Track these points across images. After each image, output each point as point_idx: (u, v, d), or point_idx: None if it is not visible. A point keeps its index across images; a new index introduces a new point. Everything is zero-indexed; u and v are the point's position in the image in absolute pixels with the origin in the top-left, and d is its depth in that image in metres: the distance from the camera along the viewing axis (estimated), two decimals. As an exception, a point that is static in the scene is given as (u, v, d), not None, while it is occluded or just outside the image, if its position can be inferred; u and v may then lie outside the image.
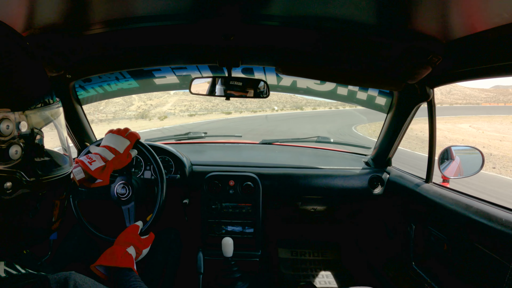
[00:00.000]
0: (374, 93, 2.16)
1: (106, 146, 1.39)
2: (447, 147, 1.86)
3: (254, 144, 2.71)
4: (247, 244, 2.08)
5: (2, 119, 0.58)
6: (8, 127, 0.59)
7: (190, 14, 1.26)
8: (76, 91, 2.05)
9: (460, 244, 1.44)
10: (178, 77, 2.25)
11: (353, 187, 2.15)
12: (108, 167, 1.34)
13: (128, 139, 1.43)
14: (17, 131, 0.61)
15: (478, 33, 1.10)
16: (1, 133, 0.58)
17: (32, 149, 0.65)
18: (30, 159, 0.64)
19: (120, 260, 1.13)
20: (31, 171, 0.65)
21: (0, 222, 0.62)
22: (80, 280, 0.64)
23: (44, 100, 0.68)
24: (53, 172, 0.71)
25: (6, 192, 0.60)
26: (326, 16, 1.21)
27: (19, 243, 0.68)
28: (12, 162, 0.60)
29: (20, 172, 0.62)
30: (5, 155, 0.59)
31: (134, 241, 1.27)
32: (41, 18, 1.18)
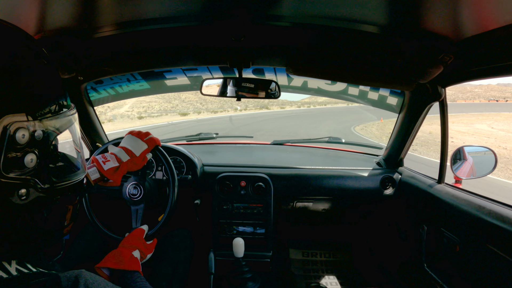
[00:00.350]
0: (386, 93, 2.15)
1: (123, 147, 1.40)
2: (460, 147, 1.84)
3: (265, 144, 2.71)
4: (258, 244, 2.08)
5: (18, 128, 0.58)
6: (23, 136, 0.59)
7: (200, 15, 1.26)
8: (88, 92, 2.07)
9: (473, 246, 1.42)
10: (189, 78, 2.26)
11: (364, 188, 2.14)
12: (121, 168, 1.35)
13: (147, 144, 1.44)
14: (32, 139, 0.61)
15: (490, 31, 1.09)
16: (17, 142, 0.58)
17: (47, 157, 0.66)
18: (44, 167, 0.65)
19: (127, 262, 1.14)
20: (46, 178, 0.66)
21: (14, 225, 0.63)
22: (91, 278, 0.65)
23: (59, 107, 0.69)
24: (67, 178, 0.72)
25: (21, 198, 0.61)
26: (337, 16, 1.21)
27: (32, 246, 0.68)
28: (27, 169, 0.61)
29: (35, 179, 0.63)
30: (20, 163, 0.60)
31: (140, 245, 1.28)
32: (53, 21, 1.19)
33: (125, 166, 1.36)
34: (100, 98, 2.24)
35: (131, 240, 1.29)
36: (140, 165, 1.42)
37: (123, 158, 1.38)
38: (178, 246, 1.80)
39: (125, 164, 1.37)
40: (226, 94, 1.75)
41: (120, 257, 1.16)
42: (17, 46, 0.64)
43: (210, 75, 2.12)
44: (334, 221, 2.56)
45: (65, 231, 0.78)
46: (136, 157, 1.40)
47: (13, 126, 0.58)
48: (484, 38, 1.13)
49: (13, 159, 0.59)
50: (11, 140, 0.58)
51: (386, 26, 1.25)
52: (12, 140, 0.58)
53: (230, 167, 2.18)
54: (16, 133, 0.58)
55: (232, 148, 2.66)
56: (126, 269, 1.12)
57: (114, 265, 1.12)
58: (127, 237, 1.31)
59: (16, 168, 0.60)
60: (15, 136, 0.58)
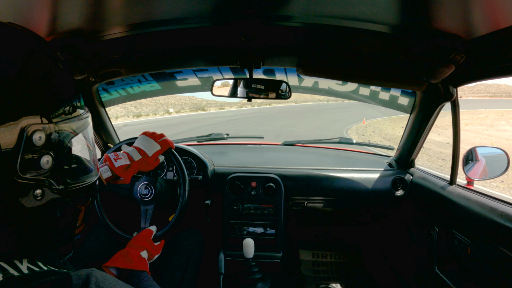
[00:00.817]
0: (397, 93, 2.13)
1: (136, 147, 1.43)
2: (472, 148, 1.82)
3: (276, 145, 2.70)
4: (268, 245, 2.08)
5: (35, 131, 0.60)
6: (40, 138, 0.61)
7: (211, 16, 1.27)
8: (100, 93, 2.09)
9: (484, 248, 1.40)
10: (200, 79, 2.27)
11: (375, 189, 2.13)
12: (132, 167, 1.37)
13: (160, 145, 1.45)
14: (49, 141, 0.63)
15: (502, 29, 1.07)
16: (34, 144, 0.60)
17: (62, 159, 0.67)
18: (59, 168, 0.66)
19: (136, 262, 1.15)
20: (60, 179, 0.67)
21: (28, 225, 0.64)
22: (101, 277, 0.65)
23: (73, 110, 0.70)
24: (80, 180, 0.73)
25: (36, 199, 0.62)
26: (347, 15, 1.20)
27: (44, 245, 0.70)
28: (43, 171, 0.63)
29: (50, 180, 0.64)
30: (37, 165, 0.61)
31: (148, 246, 1.29)
32: (64, 23, 1.20)
33: (136, 165, 1.38)
34: (111, 99, 2.26)
35: (139, 240, 1.30)
36: (152, 166, 1.43)
37: (135, 157, 1.40)
38: (188, 246, 1.80)
39: (136, 163, 1.39)
40: (237, 94, 1.75)
41: (128, 257, 1.17)
42: (33, 50, 0.65)
43: (220, 75, 2.12)
44: (344, 222, 2.55)
45: (76, 231, 0.79)
46: (148, 157, 1.41)
47: (30, 128, 0.59)
48: (496, 36, 1.12)
49: (30, 161, 0.60)
50: (28, 142, 0.59)
51: (397, 25, 1.25)
52: (29, 142, 0.59)
53: (240, 167, 2.18)
54: (33, 135, 0.59)
55: (243, 149, 2.66)
56: (134, 269, 1.13)
57: (122, 264, 1.14)
58: (135, 238, 1.33)
59: (32, 169, 0.61)
60: (32, 138, 0.59)
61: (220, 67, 2.06)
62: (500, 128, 19.33)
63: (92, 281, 0.62)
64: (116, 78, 1.96)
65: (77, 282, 0.61)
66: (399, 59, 1.44)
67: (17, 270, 0.60)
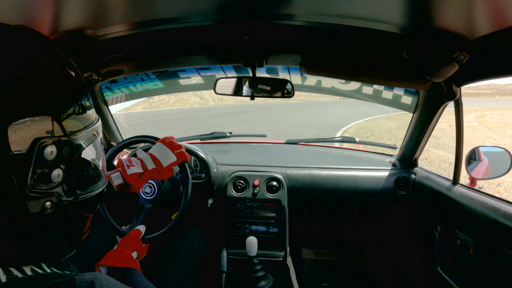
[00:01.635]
0: (400, 92, 2.13)
1: (151, 154, 1.39)
2: (475, 148, 1.82)
3: (279, 144, 2.70)
4: (271, 243, 2.08)
5: (47, 145, 0.60)
6: (51, 152, 0.61)
7: (214, 14, 1.26)
8: (103, 92, 2.09)
9: (487, 248, 1.40)
10: (203, 78, 2.27)
11: (378, 188, 2.12)
12: (144, 175, 1.35)
13: (176, 157, 1.42)
14: (60, 155, 0.63)
15: (506, 28, 1.07)
16: (45, 159, 0.60)
17: (73, 171, 0.68)
18: (69, 180, 0.67)
19: (130, 261, 1.17)
20: (70, 192, 0.68)
21: (37, 235, 0.65)
22: (105, 280, 0.66)
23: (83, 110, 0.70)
24: (89, 190, 0.73)
25: (45, 211, 0.63)
26: (350, 14, 1.20)
27: (51, 253, 0.71)
28: (53, 184, 0.63)
29: (60, 193, 0.65)
30: (47, 178, 0.62)
31: (137, 247, 1.30)
32: (67, 22, 1.20)
33: (148, 174, 1.35)
34: (114, 97, 2.27)
35: (130, 241, 1.30)
36: (165, 177, 1.41)
37: (148, 165, 1.37)
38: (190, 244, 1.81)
39: (149, 172, 1.36)
40: (240, 93, 1.75)
41: (122, 256, 1.18)
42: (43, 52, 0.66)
43: (224, 74, 2.13)
44: (347, 221, 2.55)
45: (84, 237, 0.80)
46: (162, 167, 1.38)
47: (42, 142, 0.59)
48: (500, 35, 1.11)
49: (41, 175, 0.61)
50: (39, 156, 0.59)
51: (400, 24, 1.24)
52: (40, 157, 0.60)
53: (243, 166, 2.18)
54: (44, 150, 0.60)
55: (246, 147, 2.66)
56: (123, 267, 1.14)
57: (119, 263, 1.14)
58: (126, 238, 1.32)
59: (43, 183, 0.61)
60: (43, 152, 0.60)
61: (223, 66, 2.06)
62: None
63: (97, 285, 0.63)
64: (119, 77, 1.96)
65: (80, 286, 0.61)
66: (402, 58, 1.44)
67: (21, 271, 0.60)
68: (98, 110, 2.08)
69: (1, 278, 0.58)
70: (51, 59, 0.67)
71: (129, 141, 1.60)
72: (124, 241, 1.29)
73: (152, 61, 1.73)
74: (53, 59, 0.67)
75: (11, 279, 0.58)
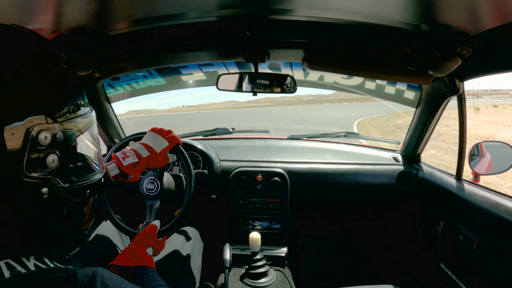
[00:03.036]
0: (403, 87, 2.12)
1: (144, 143, 1.42)
2: (478, 143, 1.81)
3: (281, 139, 2.70)
4: (274, 239, 2.08)
5: (40, 130, 0.61)
6: (46, 138, 0.62)
7: (216, 10, 1.26)
8: (105, 89, 2.10)
9: (490, 244, 1.40)
10: (205, 74, 2.27)
11: (381, 183, 2.12)
12: (140, 164, 1.37)
13: (168, 141, 1.45)
14: (54, 141, 0.64)
15: (510, 23, 1.06)
16: (40, 144, 0.61)
17: (68, 157, 0.69)
18: (65, 167, 0.68)
19: (143, 259, 1.15)
20: (66, 178, 0.69)
21: (35, 223, 0.66)
22: (107, 275, 0.67)
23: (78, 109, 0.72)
24: (86, 177, 0.75)
25: (42, 197, 0.64)
26: (353, 9, 1.20)
27: (50, 242, 0.71)
28: (49, 169, 0.64)
29: (56, 179, 0.66)
30: (43, 164, 0.63)
31: (153, 242, 1.29)
32: (70, 19, 1.20)
33: (144, 162, 1.38)
34: (116, 94, 2.27)
35: (144, 237, 1.30)
36: (160, 163, 1.44)
37: (142, 154, 1.40)
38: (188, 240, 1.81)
39: (144, 160, 1.39)
40: (242, 89, 1.74)
41: (136, 254, 1.17)
42: (35, 51, 0.67)
43: (226, 70, 2.12)
44: (350, 217, 2.55)
45: (83, 228, 0.81)
46: (156, 153, 1.41)
47: (36, 128, 0.61)
48: (503, 30, 1.11)
49: (36, 160, 0.62)
50: (34, 141, 0.60)
51: (403, 19, 1.23)
52: (35, 142, 0.61)
53: (246, 161, 2.19)
54: (39, 135, 0.61)
55: (248, 143, 2.66)
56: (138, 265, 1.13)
57: (130, 262, 1.13)
58: (140, 234, 1.32)
59: (39, 168, 0.63)
60: (38, 137, 0.61)
61: (226, 61, 2.05)
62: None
63: (98, 279, 0.64)
64: (122, 74, 1.96)
65: (83, 280, 0.62)
66: (405, 52, 1.43)
67: (24, 267, 0.61)
68: (101, 107, 2.08)
69: (5, 274, 0.58)
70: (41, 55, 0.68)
71: (131, 138, 1.61)
72: (139, 238, 1.29)
73: (154, 57, 1.73)
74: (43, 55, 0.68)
75: (14, 275, 0.59)
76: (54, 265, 0.66)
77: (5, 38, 0.63)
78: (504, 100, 63.70)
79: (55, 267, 0.66)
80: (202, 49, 1.64)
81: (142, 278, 1.06)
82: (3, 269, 0.59)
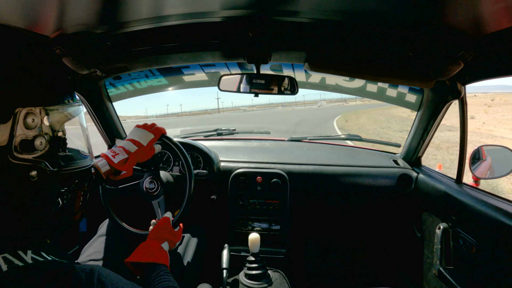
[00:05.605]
0: (404, 90, 2.12)
1: (130, 139, 1.44)
2: (479, 147, 1.80)
3: (282, 141, 2.70)
4: (273, 241, 2.08)
5: (28, 113, 0.65)
6: (33, 120, 0.66)
7: (218, 11, 1.26)
8: (107, 88, 2.10)
9: (489, 248, 1.40)
10: (207, 74, 2.28)
11: (381, 186, 2.12)
12: (130, 159, 1.38)
13: (153, 133, 1.47)
14: (42, 124, 0.68)
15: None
16: (28, 126, 0.65)
17: (56, 142, 0.72)
18: (53, 151, 0.71)
19: (156, 255, 1.15)
20: (55, 162, 0.72)
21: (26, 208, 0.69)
22: (104, 272, 0.68)
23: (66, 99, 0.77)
24: (74, 164, 0.78)
25: (31, 180, 0.67)
26: (355, 11, 1.19)
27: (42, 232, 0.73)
28: (37, 152, 0.67)
29: (45, 162, 0.69)
30: (31, 146, 0.66)
31: (168, 235, 1.29)
32: (72, 18, 1.20)
33: (134, 156, 1.40)
34: (118, 93, 2.27)
35: (158, 231, 1.30)
36: (148, 155, 1.45)
37: (131, 149, 1.41)
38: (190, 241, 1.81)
39: (134, 154, 1.40)
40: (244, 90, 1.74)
41: (149, 250, 1.17)
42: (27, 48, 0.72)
43: (228, 71, 2.13)
44: (349, 219, 2.55)
45: (73, 218, 0.83)
46: (143, 146, 1.43)
47: (24, 111, 0.64)
48: (506, 34, 1.10)
49: (24, 142, 0.65)
50: (22, 124, 0.64)
51: (405, 22, 1.23)
52: (23, 124, 0.64)
53: (246, 163, 2.19)
54: (27, 117, 0.64)
55: (249, 144, 2.66)
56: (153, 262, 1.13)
57: (143, 258, 1.13)
58: (154, 229, 1.32)
59: (27, 151, 0.66)
60: (26, 120, 0.64)
61: (228, 62, 2.06)
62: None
63: (95, 275, 0.65)
64: (123, 73, 1.97)
65: (80, 274, 0.64)
66: (407, 56, 1.43)
67: (21, 260, 0.62)
68: (102, 107, 2.08)
69: (2, 267, 0.59)
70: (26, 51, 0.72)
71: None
72: (153, 233, 1.29)
73: (156, 57, 1.73)
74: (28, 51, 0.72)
75: (12, 268, 0.60)
76: (51, 258, 0.67)
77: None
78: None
79: (52, 260, 0.67)
80: (205, 50, 1.64)
81: (153, 276, 1.06)
82: (0, 263, 0.60)
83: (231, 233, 2.10)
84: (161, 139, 1.53)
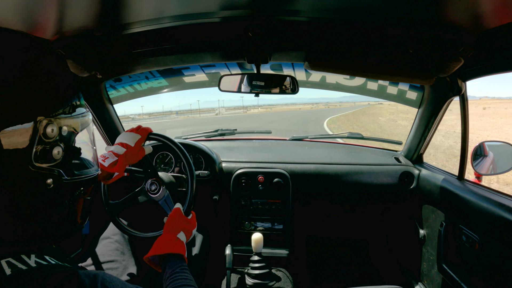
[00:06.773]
0: (405, 88, 2.12)
1: (118, 143, 1.46)
2: (480, 143, 1.80)
3: (284, 140, 2.70)
4: (276, 240, 2.08)
5: (48, 124, 0.66)
6: (52, 130, 0.67)
7: (218, 11, 1.26)
8: (107, 90, 2.10)
9: (492, 244, 1.40)
10: (207, 75, 2.28)
11: (383, 184, 2.12)
12: (120, 160, 1.40)
13: (139, 134, 1.48)
14: (60, 134, 0.70)
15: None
16: (47, 136, 0.66)
17: (71, 151, 0.74)
18: (68, 160, 0.73)
19: (172, 246, 1.16)
20: (69, 171, 0.73)
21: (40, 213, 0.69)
22: (108, 277, 0.70)
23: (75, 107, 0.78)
24: (84, 172, 0.80)
25: (47, 188, 0.68)
26: (354, 8, 1.19)
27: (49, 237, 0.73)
28: (53, 161, 0.69)
29: (60, 171, 0.71)
30: (49, 155, 0.68)
31: (183, 225, 1.30)
32: (72, 21, 1.20)
33: (123, 158, 1.42)
34: (119, 95, 2.28)
35: (172, 223, 1.29)
36: (138, 155, 1.47)
37: (119, 151, 1.43)
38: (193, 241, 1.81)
39: (123, 156, 1.42)
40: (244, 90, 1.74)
41: (165, 242, 1.17)
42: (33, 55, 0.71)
43: (228, 71, 2.13)
44: (352, 217, 2.54)
45: (79, 221, 0.84)
46: (131, 147, 1.45)
47: (44, 121, 0.66)
48: (506, 30, 1.10)
49: (43, 151, 0.67)
50: (42, 133, 0.65)
51: (405, 19, 1.23)
52: (43, 134, 0.66)
53: (248, 162, 2.19)
54: (47, 127, 0.66)
55: (250, 144, 2.66)
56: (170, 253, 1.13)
57: (160, 250, 1.13)
58: (167, 223, 1.31)
59: (45, 159, 0.67)
60: (46, 130, 0.66)
61: (228, 63, 2.06)
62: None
63: (99, 279, 0.67)
64: (124, 75, 1.97)
65: (84, 279, 0.65)
66: (407, 53, 1.43)
67: (25, 264, 0.63)
68: (103, 109, 2.08)
69: (6, 271, 0.60)
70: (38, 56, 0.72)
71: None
72: (166, 226, 1.28)
73: (156, 59, 1.73)
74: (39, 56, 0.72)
75: (15, 271, 0.61)
76: (54, 262, 0.68)
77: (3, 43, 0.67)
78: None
79: (56, 263, 0.68)
80: (204, 51, 1.64)
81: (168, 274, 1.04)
82: (4, 267, 0.61)
83: (234, 233, 2.10)
84: (148, 137, 1.53)
